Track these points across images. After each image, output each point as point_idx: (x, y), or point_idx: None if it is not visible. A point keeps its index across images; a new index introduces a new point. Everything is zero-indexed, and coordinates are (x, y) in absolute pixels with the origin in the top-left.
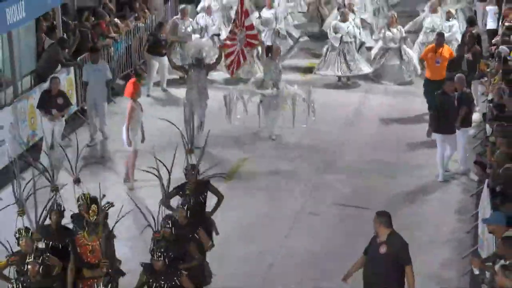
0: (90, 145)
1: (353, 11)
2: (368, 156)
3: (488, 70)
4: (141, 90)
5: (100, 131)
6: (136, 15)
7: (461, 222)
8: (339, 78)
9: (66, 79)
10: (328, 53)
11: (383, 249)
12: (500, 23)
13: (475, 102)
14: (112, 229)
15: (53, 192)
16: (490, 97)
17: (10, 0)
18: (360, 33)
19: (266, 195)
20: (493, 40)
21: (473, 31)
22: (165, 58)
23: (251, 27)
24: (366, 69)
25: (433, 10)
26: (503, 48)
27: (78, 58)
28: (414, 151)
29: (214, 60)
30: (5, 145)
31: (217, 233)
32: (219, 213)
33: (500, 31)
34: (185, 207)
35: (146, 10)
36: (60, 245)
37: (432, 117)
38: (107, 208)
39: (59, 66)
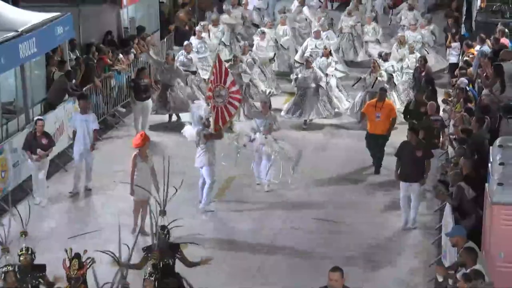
0: (72, 193)
1: (330, 53)
2: (343, 176)
3: (450, 99)
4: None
5: (85, 181)
6: (134, 51)
7: (426, 234)
8: (305, 121)
9: (73, 107)
10: (298, 98)
11: None
12: (460, 57)
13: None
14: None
15: (4, 253)
16: (452, 122)
17: (23, 37)
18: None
19: (251, 213)
20: (455, 73)
21: (427, 78)
22: (147, 103)
23: (233, 83)
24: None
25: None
26: (462, 80)
27: (84, 88)
28: (385, 172)
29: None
30: (19, 166)
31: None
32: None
33: (460, 65)
34: (153, 277)
35: (145, 45)
36: None
37: (396, 165)
38: (88, 264)
39: (66, 95)
